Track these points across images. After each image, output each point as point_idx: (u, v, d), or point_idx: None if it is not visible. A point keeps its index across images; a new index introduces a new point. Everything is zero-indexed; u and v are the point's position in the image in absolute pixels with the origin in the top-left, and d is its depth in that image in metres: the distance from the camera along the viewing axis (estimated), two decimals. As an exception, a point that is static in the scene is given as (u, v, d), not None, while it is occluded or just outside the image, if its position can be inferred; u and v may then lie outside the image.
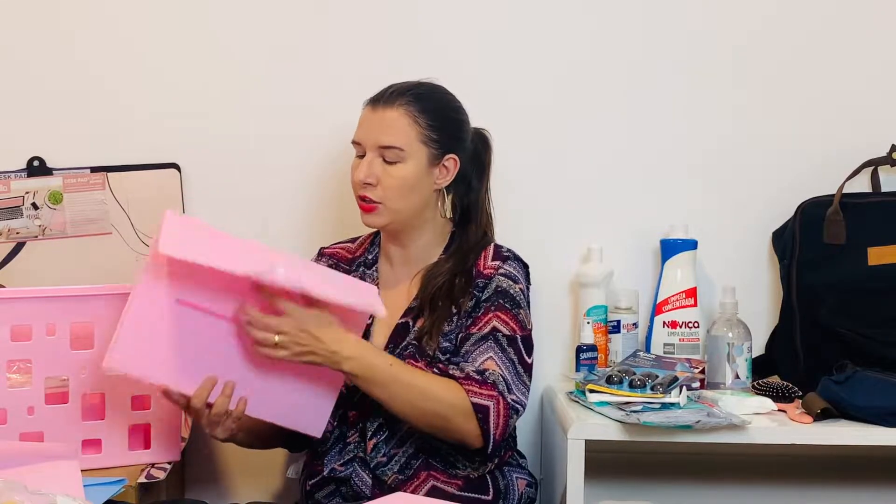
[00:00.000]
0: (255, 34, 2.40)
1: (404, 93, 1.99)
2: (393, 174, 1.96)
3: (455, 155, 2.02)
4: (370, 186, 1.96)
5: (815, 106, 2.40)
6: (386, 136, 1.96)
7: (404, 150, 1.96)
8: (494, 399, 1.87)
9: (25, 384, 1.87)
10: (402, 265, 2.07)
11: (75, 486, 1.63)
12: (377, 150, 1.97)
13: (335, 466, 1.96)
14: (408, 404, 1.87)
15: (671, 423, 1.90)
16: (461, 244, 2.05)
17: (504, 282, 1.99)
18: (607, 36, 2.41)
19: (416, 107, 1.98)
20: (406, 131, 1.97)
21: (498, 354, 1.92)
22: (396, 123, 1.96)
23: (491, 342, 1.93)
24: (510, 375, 1.91)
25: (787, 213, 2.32)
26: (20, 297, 1.87)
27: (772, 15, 2.40)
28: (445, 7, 2.41)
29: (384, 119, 1.97)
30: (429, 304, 1.98)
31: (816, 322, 2.23)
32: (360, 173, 1.97)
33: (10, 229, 2.37)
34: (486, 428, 1.86)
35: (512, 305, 1.97)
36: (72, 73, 2.39)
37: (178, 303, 1.76)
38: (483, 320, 1.95)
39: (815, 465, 2.38)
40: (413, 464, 1.94)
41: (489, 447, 1.89)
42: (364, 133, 1.99)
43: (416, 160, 1.97)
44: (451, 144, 2.02)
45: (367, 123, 2.00)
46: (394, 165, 1.96)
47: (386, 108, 1.97)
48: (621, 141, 2.41)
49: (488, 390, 1.87)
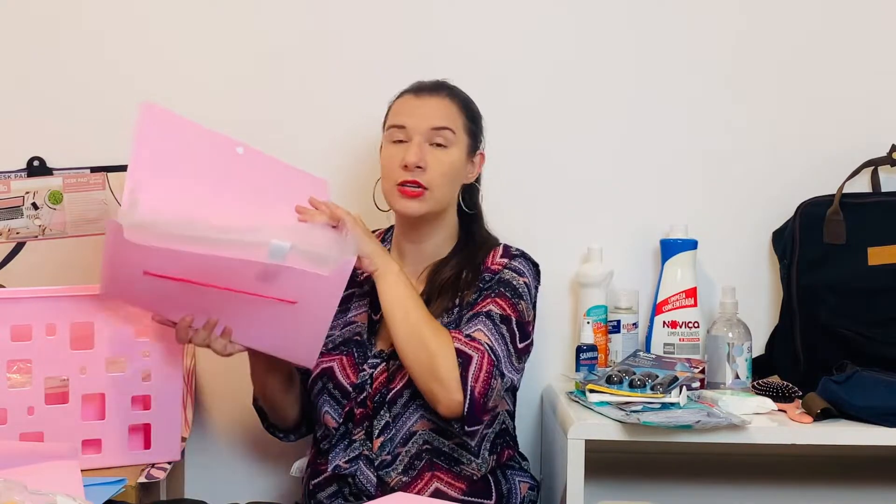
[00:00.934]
0: (255, 34, 2.40)
1: (443, 86, 2.06)
2: (442, 159, 1.98)
3: (483, 153, 2.08)
4: (419, 170, 1.97)
5: (815, 106, 2.40)
6: (439, 119, 2.00)
7: (455, 132, 2.00)
8: (479, 352, 1.85)
9: (25, 384, 1.86)
10: (414, 262, 2.07)
11: (75, 486, 1.63)
12: (427, 133, 1.98)
13: (340, 463, 1.96)
14: (408, 325, 1.87)
15: (671, 423, 1.90)
16: (469, 241, 2.07)
17: (508, 273, 1.99)
18: (608, 36, 2.41)
19: (457, 99, 2.05)
20: (456, 116, 2.02)
21: (489, 328, 1.91)
22: (448, 108, 2.02)
23: (483, 318, 1.92)
24: (500, 349, 1.89)
25: (787, 213, 2.32)
26: (20, 297, 1.87)
27: (772, 15, 2.40)
28: (450, 6, 2.41)
29: (433, 104, 2.01)
30: (435, 297, 1.99)
31: (816, 322, 2.23)
32: (413, 155, 1.96)
33: (10, 229, 2.37)
34: (465, 376, 1.83)
35: (512, 294, 1.96)
36: (72, 73, 2.39)
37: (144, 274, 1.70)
38: (481, 304, 1.95)
39: (815, 465, 2.38)
40: (417, 464, 1.93)
41: (465, 400, 1.83)
42: (412, 117, 2.00)
43: (460, 148, 2.02)
44: (481, 141, 2.09)
45: (414, 108, 2.01)
46: (443, 150, 1.99)
47: (433, 95, 2.02)
48: (622, 141, 2.41)
49: (475, 344, 1.86)
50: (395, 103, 2.06)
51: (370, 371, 1.96)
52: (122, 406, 1.92)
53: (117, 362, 1.91)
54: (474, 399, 1.84)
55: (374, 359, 1.98)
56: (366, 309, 2.04)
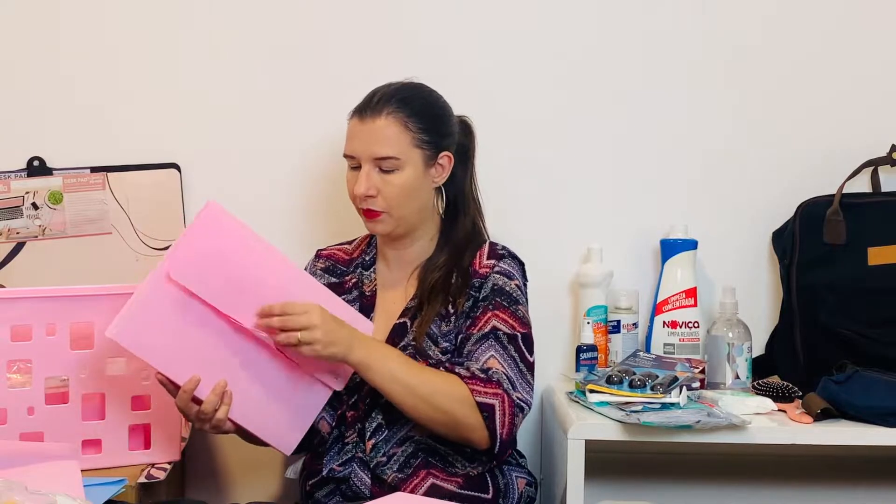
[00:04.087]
0: (255, 34, 2.40)
1: (389, 99, 1.96)
2: (393, 182, 1.95)
3: (448, 152, 2.01)
4: (371, 198, 1.95)
5: (815, 106, 2.40)
6: (380, 148, 1.94)
7: (400, 158, 1.94)
8: (499, 397, 1.87)
9: (25, 384, 1.86)
10: (400, 266, 2.06)
11: (75, 486, 1.63)
12: (372, 161, 1.95)
13: (334, 467, 1.96)
14: (414, 397, 1.86)
15: (671, 423, 1.90)
16: (452, 236, 2.05)
17: (500, 279, 1.98)
18: (608, 35, 2.41)
19: (404, 112, 1.95)
20: (398, 139, 1.94)
21: (499, 353, 1.92)
22: (387, 132, 1.94)
23: (492, 340, 1.93)
24: (514, 373, 1.91)
25: (787, 213, 2.32)
26: (20, 297, 1.87)
27: (772, 15, 2.40)
28: (444, 5, 2.40)
29: (374, 130, 1.94)
30: (427, 301, 1.98)
31: (816, 322, 2.23)
32: (360, 187, 1.94)
33: (10, 229, 2.36)
34: (493, 427, 1.86)
35: (510, 303, 1.97)
36: (72, 73, 2.39)
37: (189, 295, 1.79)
38: (482, 320, 1.95)
39: (815, 465, 2.38)
40: (412, 462, 1.93)
41: (496, 447, 1.88)
42: (356, 146, 1.96)
43: (413, 165, 1.96)
44: (443, 142, 2.01)
45: (358, 136, 1.97)
46: (392, 174, 1.95)
47: (375, 118, 1.95)
48: (621, 141, 2.41)
49: (493, 388, 1.87)
50: (348, 126, 2.01)
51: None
52: (122, 406, 1.92)
53: (117, 362, 1.91)
54: (502, 441, 1.89)
55: None
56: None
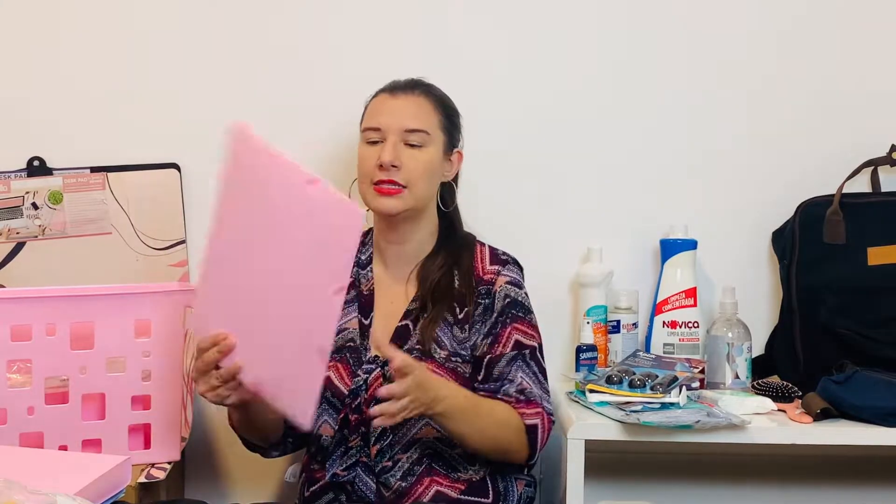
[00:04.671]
0: (255, 34, 2.40)
1: (419, 84, 2.04)
2: (418, 157, 1.98)
3: (460, 151, 2.07)
4: (395, 169, 1.96)
5: (815, 106, 2.40)
6: (412, 120, 1.98)
7: (430, 133, 1.99)
8: (540, 416, 1.92)
9: (25, 384, 1.87)
10: (397, 264, 2.05)
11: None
12: (401, 133, 1.97)
13: (337, 472, 1.94)
14: (483, 437, 1.89)
15: (671, 423, 1.90)
16: (448, 236, 2.06)
17: (511, 290, 2.00)
18: (607, 36, 2.41)
19: (433, 97, 2.03)
20: (430, 116, 2.01)
21: (526, 371, 1.96)
22: (422, 107, 2.01)
23: (520, 361, 1.96)
24: (539, 389, 1.95)
25: (787, 213, 2.32)
26: (20, 297, 1.87)
27: (772, 15, 2.40)
28: (444, 5, 2.40)
29: (407, 104, 2.00)
30: (430, 302, 1.98)
31: (816, 322, 2.23)
32: (388, 154, 1.95)
33: (10, 229, 2.36)
34: (535, 445, 1.92)
35: (524, 312, 2.00)
36: (72, 73, 2.39)
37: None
38: (504, 335, 1.97)
39: (815, 465, 2.38)
40: (416, 470, 1.93)
41: (532, 459, 1.95)
42: (384, 119, 1.99)
43: (436, 146, 2.01)
44: (458, 139, 2.08)
45: (388, 110, 2.00)
46: (418, 149, 1.98)
47: (407, 95, 2.01)
48: (621, 141, 2.41)
49: (534, 408, 1.92)
50: (371, 103, 2.05)
51: (364, 377, 1.94)
52: (122, 406, 1.92)
53: (117, 362, 1.91)
54: (538, 454, 1.95)
55: (368, 364, 1.96)
56: (356, 314, 2.03)
